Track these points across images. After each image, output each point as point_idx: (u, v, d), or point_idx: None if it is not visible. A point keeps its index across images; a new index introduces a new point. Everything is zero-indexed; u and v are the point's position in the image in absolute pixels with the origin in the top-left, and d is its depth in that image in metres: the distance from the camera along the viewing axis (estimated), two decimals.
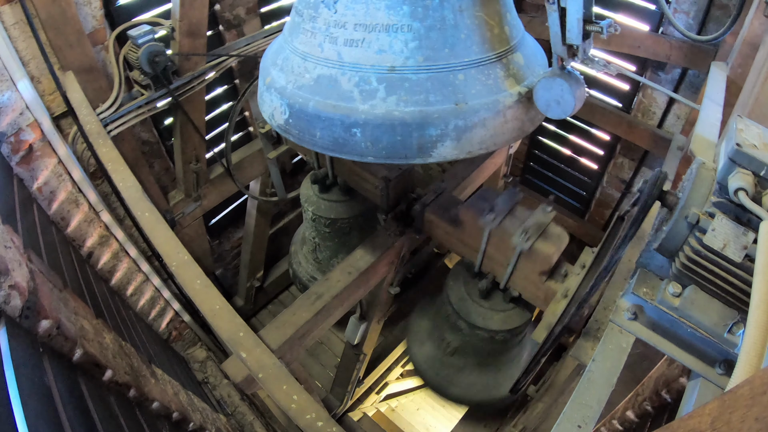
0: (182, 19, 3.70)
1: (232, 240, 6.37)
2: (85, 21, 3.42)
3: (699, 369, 1.50)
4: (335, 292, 2.86)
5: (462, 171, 3.54)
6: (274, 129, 2.17)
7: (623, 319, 1.59)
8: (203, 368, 4.54)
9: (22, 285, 1.69)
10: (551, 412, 3.70)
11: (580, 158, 6.21)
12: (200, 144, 4.56)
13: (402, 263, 3.39)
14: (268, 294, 7.12)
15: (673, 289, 1.44)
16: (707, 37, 3.53)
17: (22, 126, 2.93)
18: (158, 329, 4.35)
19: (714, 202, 1.30)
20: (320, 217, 3.46)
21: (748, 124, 1.27)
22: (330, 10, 1.89)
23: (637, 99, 5.26)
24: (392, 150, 1.88)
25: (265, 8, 4.73)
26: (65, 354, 1.87)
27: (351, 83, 1.87)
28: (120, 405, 2.14)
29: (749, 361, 0.89)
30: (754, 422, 0.54)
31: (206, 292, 2.36)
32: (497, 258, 2.67)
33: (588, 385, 1.59)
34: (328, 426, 1.97)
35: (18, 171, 2.95)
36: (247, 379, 2.59)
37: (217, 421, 3.48)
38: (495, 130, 1.91)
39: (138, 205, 2.69)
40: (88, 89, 3.48)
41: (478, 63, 1.88)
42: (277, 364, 2.26)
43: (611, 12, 4.89)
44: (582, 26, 1.62)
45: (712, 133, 2.50)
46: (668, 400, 2.09)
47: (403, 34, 1.82)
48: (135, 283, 3.96)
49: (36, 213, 2.91)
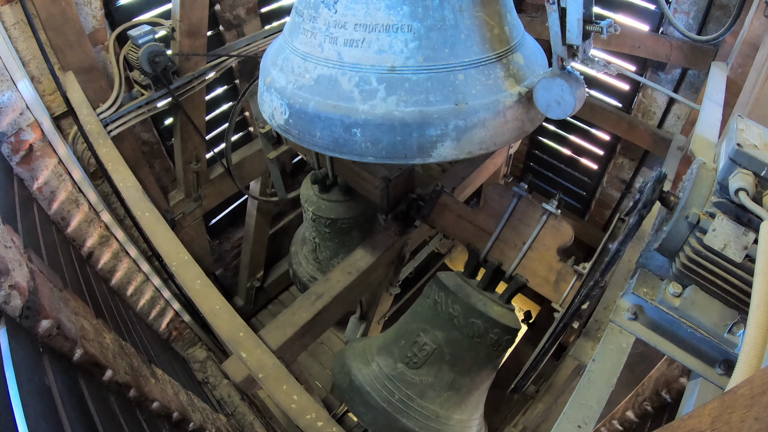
0: (182, 19, 3.70)
1: (232, 240, 6.37)
2: (85, 21, 3.43)
3: (699, 369, 1.50)
4: (335, 292, 2.86)
5: (462, 171, 3.54)
6: (274, 129, 2.18)
7: (623, 319, 1.59)
8: (203, 368, 4.54)
9: (22, 285, 1.69)
10: (551, 412, 3.70)
11: (580, 158, 6.22)
12: (200, 144, 4.56)
13: (402, 263, 3.39)
14: (268, 294, 7.12)
15: (674, 289, 1.44)
16: (707, 37, 3.53)
17: (23, 126, 2.93)
18: (158, 329, 4.35)
19: (714, 202, 1.30)
20: (320, 217, 3.45)
21: (749, 124, 1.27)
22: (330, 11, 1.89)
23: (637, 99, 5.26)
24: (392, 150, 1.88)
25: (265, 8, 4.73)
26: (65, 354, 1.87)
27: (351, 83, 1.87)
28: (120, 405, 2.14)
29: (749, 361, 0.89)
30: (754, 422, 0.54)
31: (206, 292, 2.37)
32: (512, 238, 2.68)
33: (588, 385, 1.59)
34: (328, 426, 1.97)
35: (18, 171, 2.95)
36: (247, 379, 2.59)
37: (217, 421, 3.48)
38: (495, 131, 1.91)
39: (138, 205, 2.69)
40: (88, 89, 3.49)
41: (478, 63, 1.88)
42: (277, 364, 2.26)
43: (611, 12, 4.89)
44: (582, 26, 1.62)
45: (712, 133, 2.50)
46: (668, 400, 2.09)
47: (403, 34, 1.82)
48: (135, 283, 3.96)
49: (36, 213, 2.91)
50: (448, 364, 2.65)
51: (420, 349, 2.67)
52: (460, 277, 2.75)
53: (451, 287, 2.66)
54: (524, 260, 2.66)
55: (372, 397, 2.70)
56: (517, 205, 2.66)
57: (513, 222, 2.68)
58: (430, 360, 2.65)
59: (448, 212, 2.95)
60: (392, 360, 2.76)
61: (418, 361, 2.67)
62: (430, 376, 2.66)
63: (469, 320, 2.59)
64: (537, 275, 2.63)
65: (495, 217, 2.74)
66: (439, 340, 2.64)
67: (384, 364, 2.77)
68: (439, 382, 2.65)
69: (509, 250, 2.71)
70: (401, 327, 2.89)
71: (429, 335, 2.67)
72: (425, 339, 2.68)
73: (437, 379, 2.65)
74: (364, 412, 2.76)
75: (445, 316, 2.64)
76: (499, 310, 2.66)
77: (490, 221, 2.77)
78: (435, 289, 2.75)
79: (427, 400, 2.66)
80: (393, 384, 2.70)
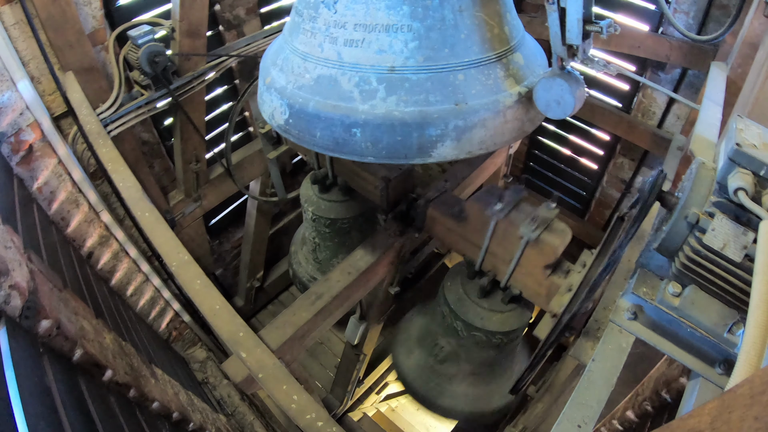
0: (182, 19, 3.70)
1: (232, 240, 6.38)
2: (85, 21, 3.42)
3: (699, 369, 1.50)
4: (335, 292, 2.85)
5: (462, 171, 3.53)
6: (274, 129, 2.17)
7: (623, 318, 1.59)
8: (203, 368, 4.54)
9: (22, 285, 1.69)
10: (551, 412, 3.70)
11: (580, 158, 6.22)
12: (200, 144, 4.56)
13: (402, 263, 3.39)
14: (268, 294, 7.12)
15: (673, 289, 1.44)
16: (707, 37, 3.54)
17: (22, 126, 2.93)
18: (158, 329, 4.35)
19: (714, 201, 1.30)
20: (320, 218, 3.46)
21: (748, 124, 1.27)
22: (330, 10, 1.89)
23: (637, 99, 5.26)
24: (392, 150, 1.88)
25: (265, 8, 4.73)
26: (65, 354, 1.87)
27: (351, 83, 1.87)
28: (120, 405, 2.14)
29: (749, 360, 0.89)
30: (754, 422, 0.54)
31: (206, 292, 2.37)
32: (500, 253, 2.66)
33: (588, 385, 1.59)
34: (328, 426, 1.97)
35: (18, 171, 2.95)
36: (247, 379, 2.59)
37: (217, 421, 3.48)
38: (495, 130, 1.91)
39: (138, 205, 2.69)
40: (88, 89, 3.48)
41: (478, 63, 1.88)
42: (277, 364, 2.26)
43: (611, 12, 4.89)
44: (582, 26, 1.62)
45: (711, 133, 2.50)
46: (668, 400, 2.09)
47: (403, 34, 1.82)
48: (135, 284, 3.96)
49: (36, 213, 2.91)
50: (465, 361, 3.08)
51: (440, 350, 3.11)
52: (462, 286, 2.91)
53: (451, 304, 2.88)
54: (514, 275, 2.66)
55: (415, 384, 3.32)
56: (495, 228, 2.59)
57: (497, 239, 2.64)
58: (450, 357, 3.11)
59: (437, 224, 2.95)
60: (425, 353, 3.31)
61: (441, 358, 3.14)
62: (453, 369, 3.15)
63: (470, 333, 2.83)
64: (528, 288, 2.65)
65: (480, 231, 2.69)
66: (453, 345, 3.03)
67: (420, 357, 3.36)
68: (461, 373, 3.15)
69: (500, 263, 2.70)
70: (427, 326, 3.38)
71: (444, 340, 3.08)
72: (442, 343, 3.10)
73: (459, 370, 3.14)
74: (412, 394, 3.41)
75: (452, 328, 2.94)
76: (498, 319, 2.76)
77: (477, 235, 2.73)
78: (442, 300, 3.00)
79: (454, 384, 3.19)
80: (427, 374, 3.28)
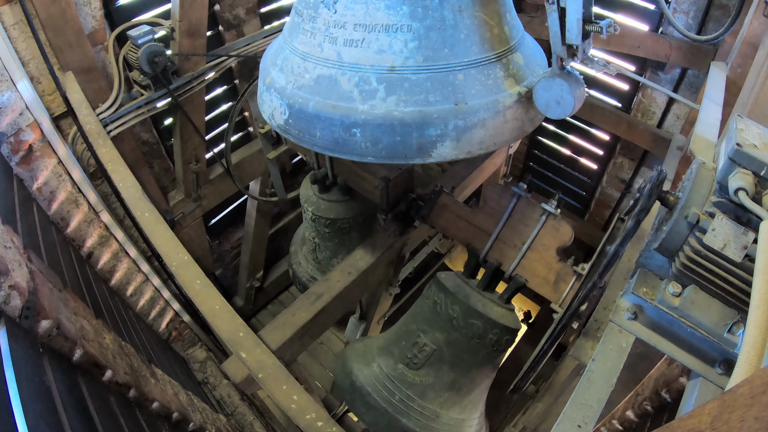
0: (182, 19, 3.70)
1: (232, 240, 6.37)
2: (84, 21, 3.43)
3: (699, 369, 1.50)
4: (335, 292, 2.85)
5: (462, 171, 3.53)
6: (274, 129, 2.17)
7: (623, 318, 1.59)
8: (203, 368, 4.54)
9: (22, 285, 1.69)
10: (551, 412, 3.71)
11: (580, 158, 6.21)
12: (200, 144, 4.56)
13: (402, 263, 3.39)
14: (268, 294, 7.12)
15: (673, 289, 1.44)
16: (707, 37, 3.53)
17: (22, 126, 2.93)
18: (158, 329, 4.35)
19: (714, 201, 1.30)
20: (320, 218, 3.45)
21: (748, 124, 1.27)
22: (330, 11, 1.89)
23: (636, 99, 5.26)
24: (392, 150, 1.88)
25: (265, 8, 4.73)
26: (65, 354, 1.87)
27: (351, 83, 1.87)
28: (120, 405, 2.14)
29: (749, 360, 0.89)
30: (754, 422, 0.54)
31: (206, 292, 2.37)
32: (511, 238, 2.68)
33: (588, 385, 1.59)
34: (328, 426, 1.97)
35: (18, 171, 2.95)
36: (247, 379, 2.59)
37: (217, 421, 3.48)
38: (495, 130, 1.91)
39: (138, 205, 2.69)
40: (88, 89, 3.49)
41: (477, 63, 1.88)
42: (277, 364, 2.26)
43: (611, 12, 4.89)
44: (581, 26, 1.62)
45: (711, 133, 2.50)
46: (668, 400, 2.09)
47: (402, 34, 1.82)
48: (135, 284, 3.96)
49: (36, 213, 2.91)
50: (448, 365, 2.64)
51: (420, 350, 2.68)
52: (460, 278, 2.74)
53: (450, 288, 2.66)
54: (523, 260, 2.65)
55: (373, 398, 2.70)
56: (516, 206, 2.66)
57: (512, 222, 2.68)
58: (430, 361, 2.65)
59: (448, 212, 2.95)
60: (393, 361, 2.76)
61: (418, 362, 2.68)
62: (431, 377, 2.65)
63: (468, 321, 2.58)
64: (536, 275, 2.63)
65: (494, 217, 2.74)
66: (439, 341, 2.64)
67: (385, 365, 2.77)
68: (439, 383, 2.65)
69: (508, 250, 2.70)
70: (401, 328, 2.88)
71: (429, 336, 2.67)
72: (425, 340, 2.68)
73: (437, 379, 2.65)
74: (365, 412, 2.76)
75: (445, 317, 2.64)
76: (499, 311, 2.65)
77: (489, 221, 2.77)
78: (434, 290, 2.75)
79: (427, 400, 2.65)
80: (393, 384, 2.70)
